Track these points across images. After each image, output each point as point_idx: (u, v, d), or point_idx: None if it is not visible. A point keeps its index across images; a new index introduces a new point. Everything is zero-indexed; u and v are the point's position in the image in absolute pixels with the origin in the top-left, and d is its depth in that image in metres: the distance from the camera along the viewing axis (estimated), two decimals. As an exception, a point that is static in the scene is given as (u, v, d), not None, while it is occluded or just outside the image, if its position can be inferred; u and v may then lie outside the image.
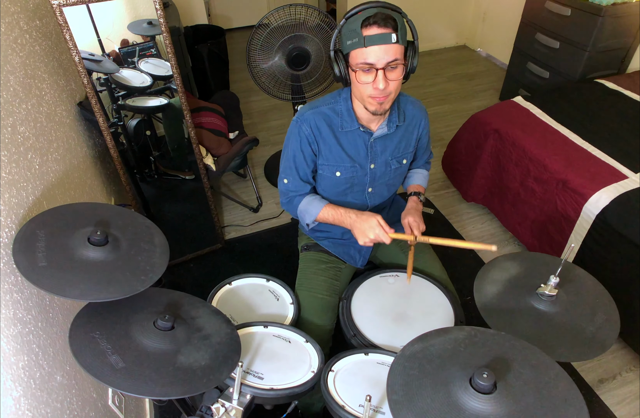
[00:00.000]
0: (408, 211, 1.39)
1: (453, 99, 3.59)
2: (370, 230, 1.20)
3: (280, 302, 1.34)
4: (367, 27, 1.08)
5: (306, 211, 1.34)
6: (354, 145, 1.31)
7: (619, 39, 2.74)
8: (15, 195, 1.01)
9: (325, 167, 1.34)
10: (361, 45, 1.09)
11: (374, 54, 1.10)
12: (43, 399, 0.94)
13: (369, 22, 1.08)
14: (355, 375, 1.09)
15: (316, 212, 1.33)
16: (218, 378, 0.94)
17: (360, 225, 1.22)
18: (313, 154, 1.32)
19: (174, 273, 2.17)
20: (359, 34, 1.09)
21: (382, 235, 1.19)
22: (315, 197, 1.36)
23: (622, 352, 1.86)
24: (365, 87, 1.15)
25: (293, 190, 1.36)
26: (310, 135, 1.28)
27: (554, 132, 2.13)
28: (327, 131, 1.29)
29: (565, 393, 0.83)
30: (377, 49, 1.09)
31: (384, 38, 1.08)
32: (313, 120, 1.27)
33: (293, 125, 1.31)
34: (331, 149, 1.31)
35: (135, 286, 0.93)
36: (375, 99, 1.17)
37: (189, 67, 2.86)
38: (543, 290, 1.07)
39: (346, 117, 1.28)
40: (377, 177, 1.38)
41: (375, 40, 1.08)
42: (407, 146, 1.39)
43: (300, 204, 1.36)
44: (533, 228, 2.11)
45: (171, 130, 2.07)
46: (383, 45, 1.09)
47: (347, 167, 1.34)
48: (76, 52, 1.51)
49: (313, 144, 1.30)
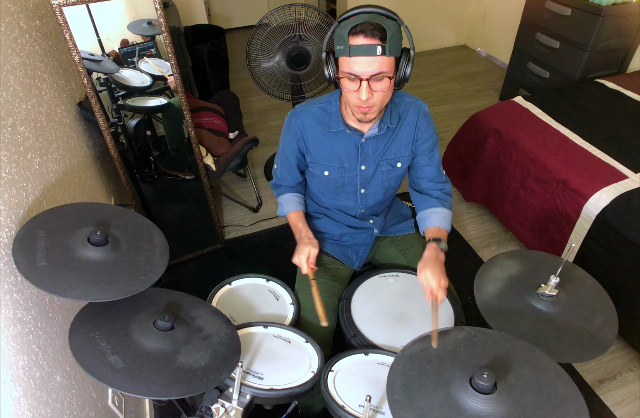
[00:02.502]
0: (425, 263, 1.20)
1: (453, 99, 3.59)
2: (299, 255, 1.29)
3: (280, 302, 1.34)
4: (354, 36, 1.05)
5: (281, 205, 1.47)
6: (343, 146, 1.31)
7: (619, 39, 2.74)
8: (15, 195, 1.01)
9: (315, 165, 1.35)
10: (346, 54, 1.06)
11: (358, 65, 1.07)
12: (43, 399, 0.94)
13: (355, 30, 1.04)
14: (355, 375, 1.09)
15: (287, 211, 1.44)
16: (218, 378, 0.94)
17: (298, 246, 1.32)
18: (299, 150, 1.35)
19: (174, 273, 2.17)
20: (346, 41, 1.06)
21: (304, 265, 1.28)
22: (297, 200, 1.46)
23: (622, 352, 1.86)
24: (351, 95, 1.14)
25: (279, 178, 1.46)
26: (297, 131, 1.31)
27: (554, 132, 2.13)
28: (315, 129, 1.29)
29: (565, 393, 0.83)
30: (362, 60, 1.05)
31: (369, 50, 1.04)
32: (302, 118, 1.29)
33: (286, 120, 1.34)
34: (318, 147, 1.32)
35: (135, 286, 0.93)
36: (360, 108, 1.15)
37: (189, 67, 2.86)
38: (543, 290, 1.07)
39: (334, 118, 1.28)
40: (369, 178, 1.37)
41: (360, 51, 1.04)
42: (401, 149, 1.34)
43: (283, 195, 1.47)
44: (533, 228, 2.11)
45: (171, 130, 2.07)
46: (368, 57, 1.05)
47: (335, 168, 1.34)
48: (76, 52, 1.51)
49: (300, 140, 1.32)
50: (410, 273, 1.41)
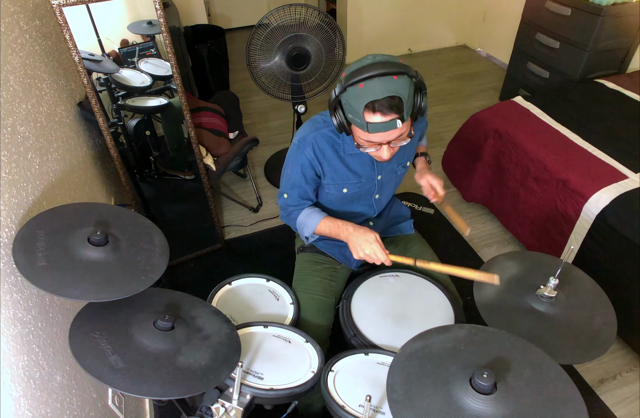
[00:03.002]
0: (422, 171, 1.40)
1: (453, 99, 3.59)
2: (367, 245, 1.15)
3: (280, 302, 1.34)
4: (370, 114, 1.02)
5: (305, 224, 1.32)
6: (359, 163, 1.30)
7: (619, 39, 2.74)
8: (15, 195, 1.01)
9: (332, 186, 1.32)
10: (364, 130, 1.05)
11: (378, 138, 1.07)
12: (43, 399, 0.94)
13: (372, 108, 1.01)
14: (355, 375, 1.09)
15: (314, 224, 1.29)
16: (218, 378, 0.94)
17: (357, 239, 1.17)
18: (316, 175, 1.30)
19: (174, 273, 2.17)
20: (361, 117, 1.03)
21: (379, 253, 1.14)
22: (315, 210, 1.33)
23: (622, 352, 1.86)
24: (368, 151, 1.16)
25: (292, 205, 1.34)
26: (314, 159, 1.25)
27: (554, 132, 2.13)
28: (330, 153, 1.26)
29: (565, 393, 0.83)
30: (382, 134, 1.06)
31: (388, 126, 1.03)
32: (316, 144, 1.24)
33: (295, 149, 1.27)
34: (336, 170, 1.29)
35: (135, 286, 0.93)
36: (378, 159, 1.20)
37: (189, 67, 2.86)
38: (543, 291, 1.07)
39: (347, 140, 1.25)
40: (385, 184, 1.39)
41: (379, 128, 1.04)
42: (410, 150, 1.39)
43: (299, 216, 1.33)
44: (533, 229, 2.11)
45: (171, 130, 2.07)
46: (388, 131, 1.05)
47: (353, 184, 1.33)
48: (76, 52, 1.51)
49: (317, 167, 1.27)
50: (411, 273, 1.42)
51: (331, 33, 2.21)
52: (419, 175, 1.41)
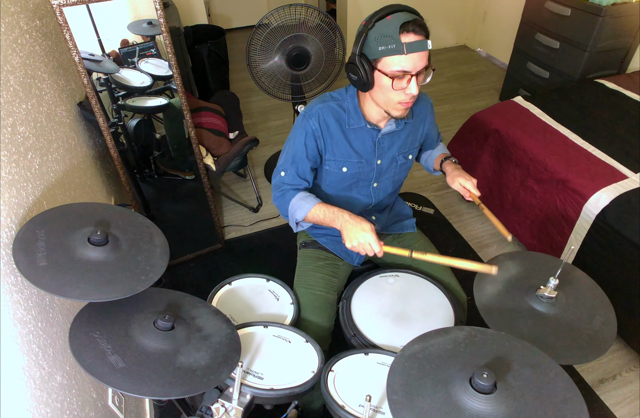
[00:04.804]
0: (453, 174, 1.37)
1: (453, 99, 3.59)
2: (361, 235, 1.11)
3: (280, 302, 1.34)
4: (406, 34, 1.07)
5: (299, 206, 1.25)
6: (361, 142, 1.31)
7: (619, 39, 2.74)
8: (15, 195, 1.01)
9: (332, 162, 1.32)
10: (401, 52, 1.08)
11: (412, 61, 1.10)
12: (43, 399, 0.94)
13: (407, 29, 1.06)
14: (355, 375, 1.09)
15: (309, 207, 1.23)
16: (218, 378, 0.94)
17: (353, 226, 1.13)
18: (317, 150, 1.29)
19: (174, 273, 2.17)
20: (397, 40, 1.07)
21: (374, 243, 1.10)
22: (311, 194, 1.28)
23: (622, 352, 1.86)
24: (398, 93, 1.15)
25: (288, 183, 1.29)
26: (317, 130, 1.26)
27: (554, 132, 2.13)
28: (335, 126, 1.27)
29: (565, 393, 0.83)
30: (416, 56, 1.10)
31: (422, 45, 1.09)
32: (322, 115, 1.25)
33: (300, 119, 1.28)
34: (338, 145, 1.29)
35: (135, 286, 0.93)
36: (404, 104, 1.18)
37: (189, 67, 2.86)
38: (543, 292, 1.07)
39: (353, 115, 1.27)
40: (383, 172, 1.38)
41: (415, 47, 1.08)
42: (414, 141, 1.40)
43: (293, 197, 1.27)
44: (533, 229, 2.11)
45: (171, 130, 2.07)
46: (421, 52, 1.10)
47: (353, 163, 1.33)
48: (76, 52, 1.51)
49: (319, 139, 1.27)
50: (411, 273, 1.42)
51: (331, 33, 2.21)
52: (450, 178, 1.38)
